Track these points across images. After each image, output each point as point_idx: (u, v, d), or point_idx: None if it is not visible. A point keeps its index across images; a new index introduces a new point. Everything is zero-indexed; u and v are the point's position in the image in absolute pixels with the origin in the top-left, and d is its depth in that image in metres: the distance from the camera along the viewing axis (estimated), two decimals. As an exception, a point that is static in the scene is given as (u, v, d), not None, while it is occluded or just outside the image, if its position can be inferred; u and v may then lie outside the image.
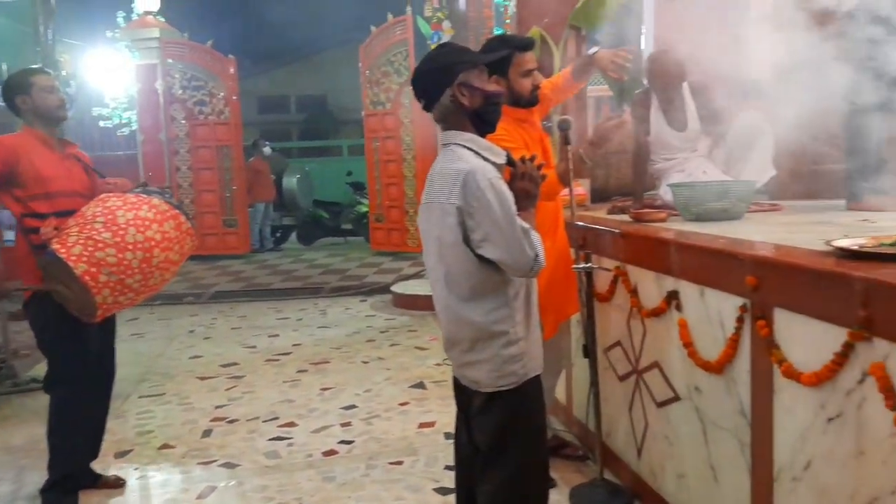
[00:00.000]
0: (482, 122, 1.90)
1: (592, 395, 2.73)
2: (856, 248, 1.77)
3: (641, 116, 3.37)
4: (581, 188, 4.02)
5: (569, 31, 3.93)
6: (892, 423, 1.43)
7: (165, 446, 3.55)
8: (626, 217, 3.10)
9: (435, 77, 1.89)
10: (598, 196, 4.13)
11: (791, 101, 3.51)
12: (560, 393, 3.46)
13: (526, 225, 1.84)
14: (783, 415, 1.82)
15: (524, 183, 1.97)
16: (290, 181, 11.53)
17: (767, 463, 1.88)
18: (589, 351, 2.72)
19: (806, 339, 1.73)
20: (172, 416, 3.99)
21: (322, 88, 23.49)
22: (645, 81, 3.52)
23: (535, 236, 1.87)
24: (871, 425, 1.52)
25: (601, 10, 3.97)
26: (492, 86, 1.89)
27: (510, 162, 2.00)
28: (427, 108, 1.94)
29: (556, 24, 3.96)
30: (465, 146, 1.87)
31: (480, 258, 1.82)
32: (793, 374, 1.74)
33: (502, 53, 2.44)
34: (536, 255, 1.84)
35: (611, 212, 3.42)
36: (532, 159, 2.03)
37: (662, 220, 2.93)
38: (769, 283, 1.85)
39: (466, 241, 1.82)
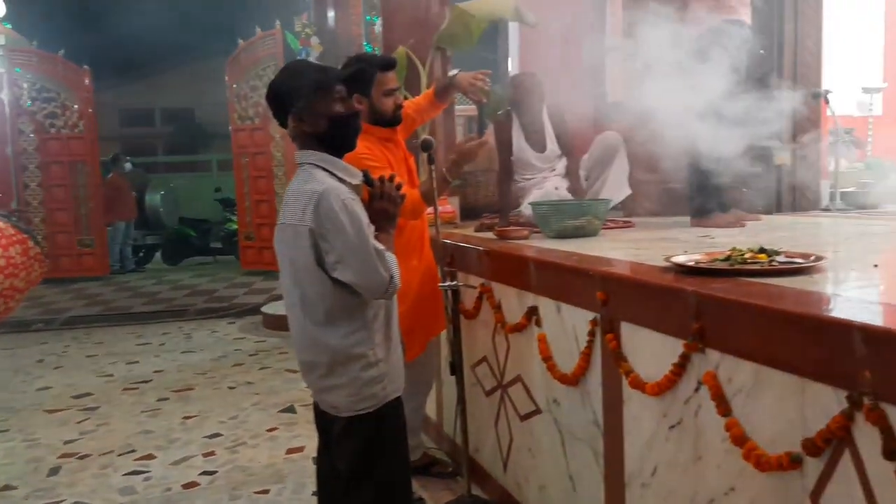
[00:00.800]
0: (332, 143, 1.88)
1: (459, 412, 2.76)
2: (691, 264, 1.89)
3: (504, 137, 3.47)
4: (450, 206, 4.08)
5: (435, 52, 3.99)
6: (723, 429, 1.52)
7: (6, 487, 3.25)
8: (492, 234, 3.17)
9: (278, 101, 1.86)
10: (468, 213, 4.21)
11: (643, 123, 3.74)
12: (431, 410, 3.48)
13: (380, 246, 1.83)
14: (632, 424, 1.91)
15: (383, 203, 1.97)
16: (154, 198, 10.98)
17: (619, 471, 1.96)
18: (456, 368, 2.74)
19: (649, 350, 1.82)
20: (15, 455, 3.65)
21: (189, 101, 22.58)
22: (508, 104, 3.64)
23: (391, 257, 1.87)
24: (706, 431, 1.62)
25: (466, 32, 4.06)
26: (339, 107, 1.87)
27: (368, 181, 1.99)
28: (282, 126, 1.91)
29: (422, 44, 4.01)
30: (319, 166, 1.85)
31: (336, 281, 1.79)
32: (639, 385, 1.83)
33: (348, 71, 2.43)
34: (391, 277, 1.83)
35: (478, 229, 3.49)
36: (391, 179, 2.03)
37: (525, 238, 3.02)
38: (616, 298, 1.95)
39: (321, 263, 1.79)
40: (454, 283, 2.76)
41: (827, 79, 6.03)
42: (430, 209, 2.72)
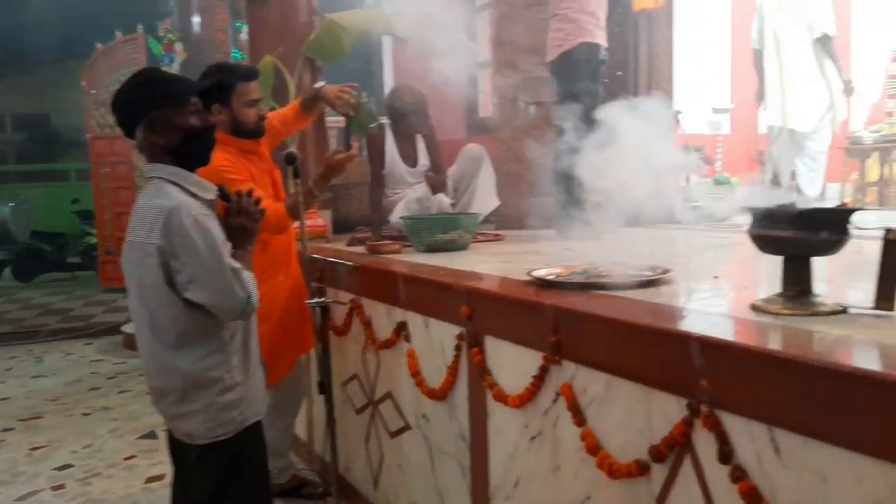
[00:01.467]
0: (185, 157, 1.79)
1: (329, 431, 2.70)
2: (550, 277, 1.94)
3: (377, 150, 3.45)
4: (321, 219, 4.01)
5: (303, 62, 3.91)
6: (579, 439, 1.57)
7: None
8: (363, 249, 3.14)
9: (127, 110, 1.75)
10: (341, 226, 4.15)
11: (514, 137, 3.84)
12: (301, 430, 3.38)
13: (237, 265, 1.76)
14: (496, 436, 1.93)
15: (240, 219, 1.89)
16: (2, 210, 10.11)
17: (484, 484, 1.98)
18: (324, 387, 2.68)
19: (512, 363, 1.85)
20: None
21: (44, 106, 20.98)
22: (383, 117, 3.63)
23: (248, 276, 1.80)
24: (563, 441, 1.66)
25: (336, 43, 4.01)
26: (194, 119, 1.78)
27: (224, 196, 1.91)
28: (128, 136, 1.79)
29: (291, 53, 3.92)
30: (169, 180, 1.75)
31: (188, 302, 1.70)
32: (502, 398, 1.85)
33: (206, 82, 2.33)
34: (249, 297, 1.76)
35: (350, 243, 3.44)
36: (249, 193, 1.96)
37: (397, 252, 3.01)
38: (480, 312, 1.97)
39: (171, 283, 1.69)
40: (323, 299, 2.71)
41: (679, 99, 6.47)
42: (297, 223, 2.65)
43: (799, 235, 1.41)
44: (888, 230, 1.37)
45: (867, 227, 1.41)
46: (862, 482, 1.02)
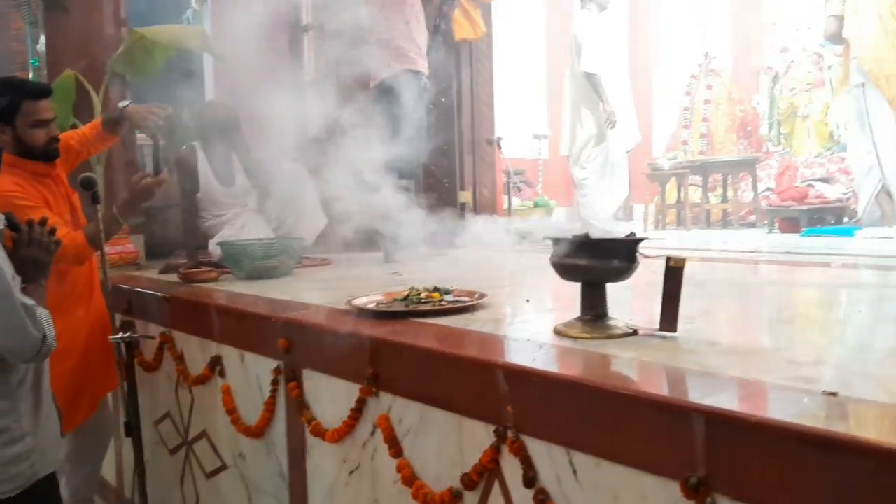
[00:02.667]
0: None
1: (137, 475, 2.49)
2: (370, 306, 1.93)
3: (189, 172, 3.28)
4: (132, 245, 3.74)
5: (110, 78, 3.64)
6: (396, 471, 1.56)
7: None
8: (177, 277, 2.95)
9: None
10: (157, 252, 3.89)
11: (340, 160, 3.80)
12: (110, 473, 3.11)
13: (29, 301, 1.58)
14: (315, 472, 1.88)
15: (31, 250, 1.72)
16: None
17: (304, 522, 1.91)
18: (132, 428, 2.48)
19: (331, 397, 1.81)
20: None
21: None
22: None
23: (43, 314, 1.63)
24: (381, 474, 1.64)
25: (148, 58, 3.77)
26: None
27: (13, 226, 1.72)
28: None
29: (96, 67, 3.64)
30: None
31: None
32: (320, 432, 1.80)
33: None
34: (44, 336, 1.60)
35: (163, 271, 3.23)
36: (42, 222, 1.79)
37: (213, 280, 2.87)
38: (298, 345, 1.91)
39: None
40: (129, 334, 2.51)
41: (502, 126, 6.78)
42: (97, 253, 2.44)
43: (593, 264, 1.50)
44: (669, 258, 1.49)
45: (669, 247, 1.53)
46: (647, 499, 1.09)
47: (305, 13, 4.72)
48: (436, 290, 2.10)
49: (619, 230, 5.52)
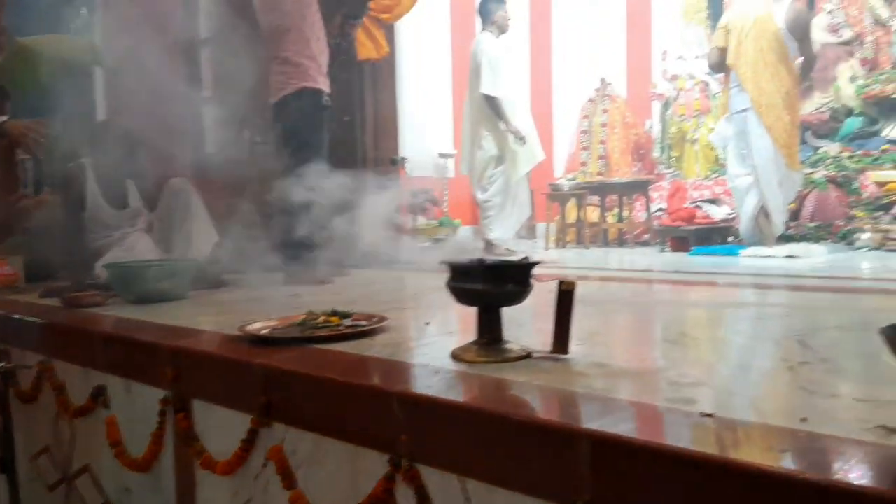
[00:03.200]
0: None
1: (12, 517, 2.32)
2: (264, 332, 1.88)
3: (74, 191, 3.11)
4: (9, 267, 3.50)
5: (-12, 89, 3.41)
6: (289, 503, 1.51)
7: None
8: (59, 302, 2.78)
9: None
10: (38, 274, 3.65)
11: (238, 178, 3.70)
12: (-19, 517, 2.87)
13: None
14: (205, 507, 1.80)
15: None
16: None
17: (193, 561, 1.83)
18: (6, 464, 2.31)
19: (222, 428, 1.74)
20: None
21: None
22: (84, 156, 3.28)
23: None
24: (275, 506, 1.59)
25: (31, 71, 3.56)
26: None
27: None
28: None
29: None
30: None
31: None
32: (210, 465, 1.73)
33: None
34: None
35: (43, 295, 3.04)
36: None
37: (99, 305, 2.71)
38: (188, 374, 1.83)
39: None
40: (3, 363, 2.34)
41: (406, 145, 6.81)
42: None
43: (487, 288, 1.52)
44: (561, 281, 1.53)
45: (567, 266, 1.56)
46: (537, 524, 1.10)
47: (202, 26, 4.60)
48: (334, 313, 2.06)
49: (521, 250, 5.64)
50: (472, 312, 1.60)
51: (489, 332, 1.58)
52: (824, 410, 1.12)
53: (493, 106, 5.10)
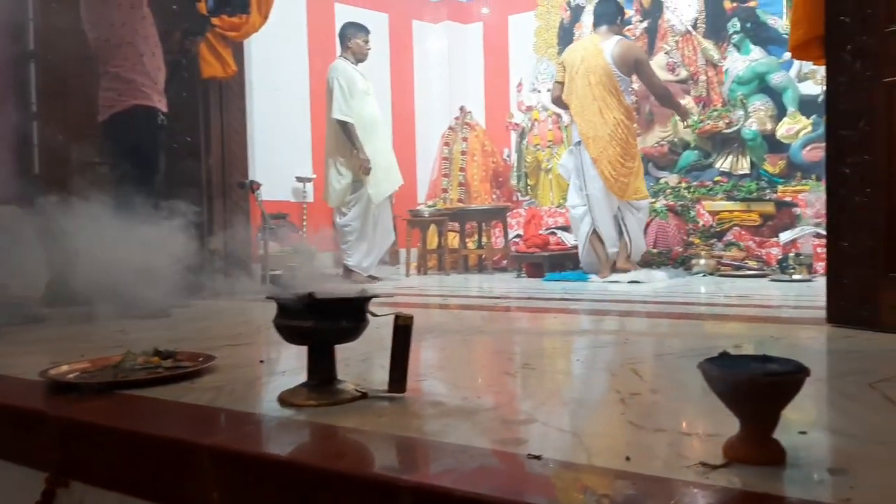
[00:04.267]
0: None
1: None
2: (70, 376, 1.67)
3: None
4: None
5: None
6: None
7: None
8: None
9: None
10: None
11: (67, 202, 3.37)
12: None
13: None
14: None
15: None
16: None
17: None
18: None
19: (11, 488, 1.51)
20: None
21: None
22: None
23: None
24: (71, 580, 1.39)
25: None
26: None
27: None
28: None
29: None
30: None
31: None
32: (-3, 535, 1.49)
33: None
34: None
35: None
36: None
37: None
38: (-27, 428, 1.58)
39: None
40: None
41: (265, 169, 6.57)
42: None
43: (318, 325, 1.42)
44: (397, 316, 1.45)
45: (426, 293, 1.48)
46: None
47: (31, 39, 4.21)
48: (157, 353, 1.88)
49: (383, 276, 5.54)
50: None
51: (320, 373, 1.47)
52: (649, 446, 1.11)
53: (346, 132, 5.03)
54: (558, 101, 5.31)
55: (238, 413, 1.40)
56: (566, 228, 6.48)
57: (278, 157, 7.07)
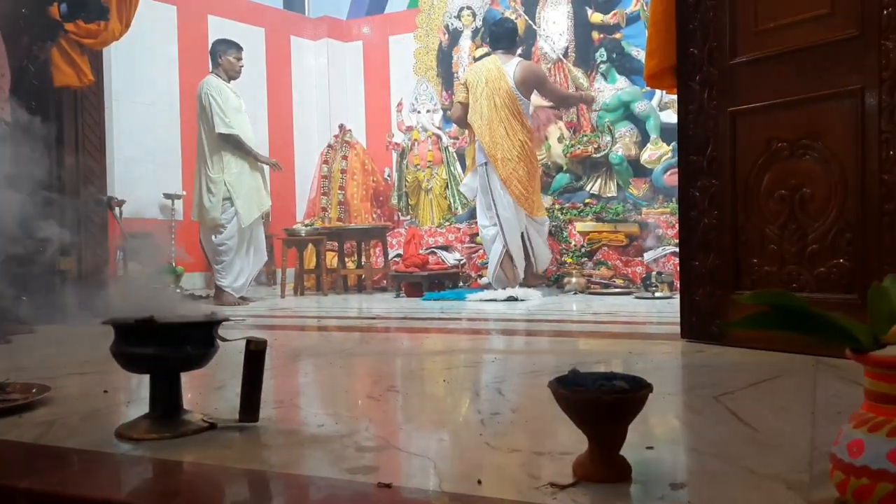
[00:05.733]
0: None
1: None
2: None
3: None
4: None
5: None
6: None
7: None
8: None
9: None
10: None
11: None
12: None
13: None
14: None
15: None
16: None
17: None
18: None
19: None
20: None
21: None
22: None
23: None
24: None
25: None
26: None
27: None
28: None
29: None
30: None
31: None
32: None
33: None
34: None
35: None
36: None
37: None
38: None
39: None
40: None
41: (129, 184, 6.21)
42: None
43: (160, 352, 1.32)
44: (249, 340, 1.38)
45: (303, 314, 1.40)
46: None
47: None
48: (-16, 384, 1.69)
49: (258, 297, 5.34)
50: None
51: (163, 403, 1.37)
52: (502, 468, 1.10)
53: (234, 143, 4.89)
54: (460, 120, 5.37)
55: (65, 450, 1.27)
56: (446, 248, 6.53)
57: (145, 172, 6.71)
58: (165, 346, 1.32)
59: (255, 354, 1.38)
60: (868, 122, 1.93)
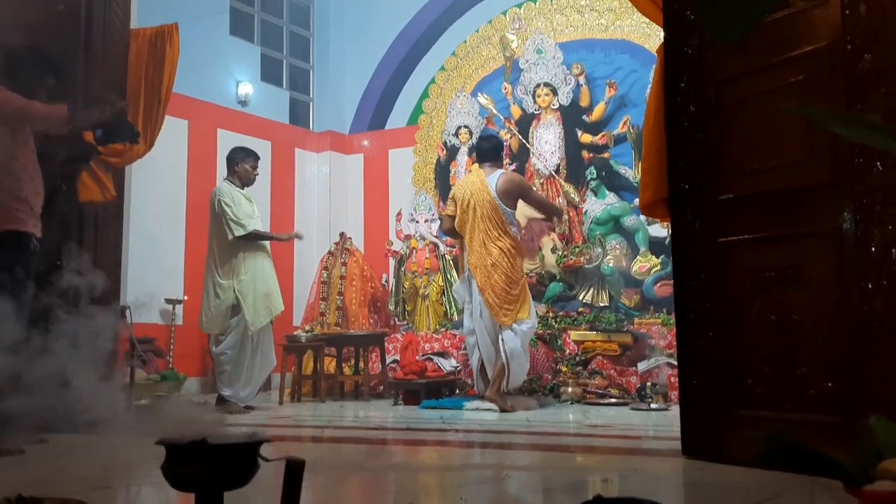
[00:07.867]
0: None
1: None
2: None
3: None
4: None
5: None
6: None
7: None
8: None
9: None
10: None
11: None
12: None
13: None
14: None
15: None
16: None
17: None
18: None
19: None
20: None
21: None
22: None
23: None
24: None
25: None
26: None
27: None
28: None
29: None
30: None
31: None
32: None
33: None
34: None
35: None
36: None
37: None
38: None
39: None
40: None
41: (135, 289, 6.33)
42: None
43: (209, 471, 1.42)
44: (289, 461, 1.47)
45: (302, 424, 1.50)
46: None
47: None
48: (20, 500, 1.76)
49: (258, 405, 5.36)
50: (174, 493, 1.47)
51: (211, 521, 1.45)
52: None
53: (252, 238, 5.11)
54: (450, 231, 5.60)
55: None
56: (443, 354, 6.61)
57: (150, 279, 6.85)
58: (214, 466, 1.42)
59: (294, 474, 1.47)
60: (847, 256, 2.12)
